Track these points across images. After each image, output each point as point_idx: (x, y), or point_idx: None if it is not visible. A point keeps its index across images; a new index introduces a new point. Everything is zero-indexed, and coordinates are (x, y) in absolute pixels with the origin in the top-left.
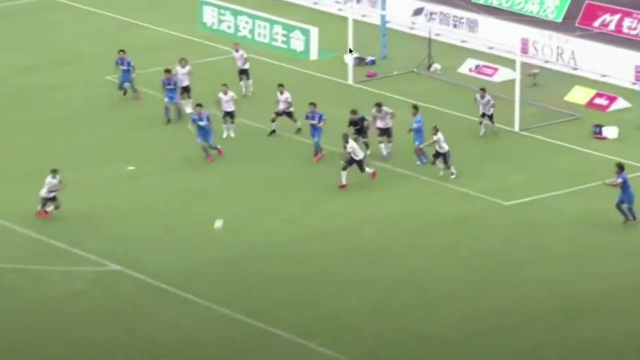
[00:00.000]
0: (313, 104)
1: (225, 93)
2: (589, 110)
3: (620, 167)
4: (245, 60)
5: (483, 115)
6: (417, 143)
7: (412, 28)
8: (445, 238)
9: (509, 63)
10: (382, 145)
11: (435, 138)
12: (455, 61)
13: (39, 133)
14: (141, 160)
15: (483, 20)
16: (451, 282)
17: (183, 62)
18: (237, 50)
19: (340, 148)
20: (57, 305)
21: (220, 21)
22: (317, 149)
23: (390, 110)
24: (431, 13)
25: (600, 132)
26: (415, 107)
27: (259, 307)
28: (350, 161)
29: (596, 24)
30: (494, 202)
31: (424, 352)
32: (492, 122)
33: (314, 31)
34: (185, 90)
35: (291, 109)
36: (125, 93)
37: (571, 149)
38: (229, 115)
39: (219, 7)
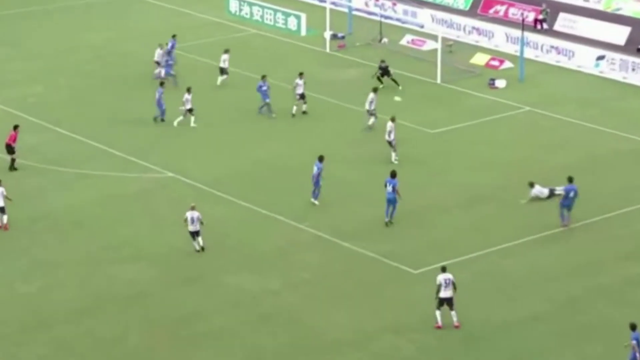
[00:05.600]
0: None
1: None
2: (486, 69)
3: (570, 179)
4: (224, 62)
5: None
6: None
7: (369, 13)
8: None
9: (433, 37)
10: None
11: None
12: (398, 36)
13: None
14: None
15: (419, 10)
16: None
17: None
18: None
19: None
20: None
21: (240, 9)
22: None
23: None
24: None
25: (494, 83)
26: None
27: None
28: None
29: (491, 11)
30: (421, 130)
31: None
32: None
33: (304, 16)
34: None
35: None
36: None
37: (474, 94)
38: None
39: (240, 0)
